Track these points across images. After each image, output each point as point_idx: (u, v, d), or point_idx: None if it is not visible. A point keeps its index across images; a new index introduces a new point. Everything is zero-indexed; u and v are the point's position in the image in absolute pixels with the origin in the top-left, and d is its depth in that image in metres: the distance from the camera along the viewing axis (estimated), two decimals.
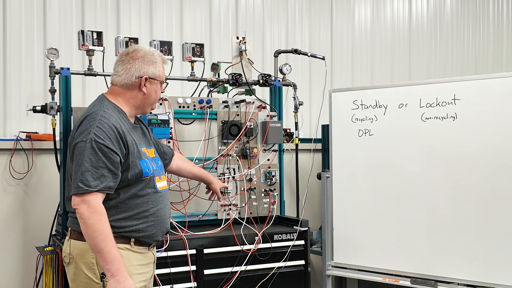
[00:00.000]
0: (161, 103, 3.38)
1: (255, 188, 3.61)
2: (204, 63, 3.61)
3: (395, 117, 3.48)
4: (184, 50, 3.53)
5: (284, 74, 3.86)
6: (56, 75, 3.27)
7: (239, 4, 4.69)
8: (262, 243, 3.32)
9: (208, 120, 3.51)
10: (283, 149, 3.83)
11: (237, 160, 3.57)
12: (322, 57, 3.93)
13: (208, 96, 3.71)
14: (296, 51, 3.96)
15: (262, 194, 3.64)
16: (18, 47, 3.82)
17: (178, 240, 3.12)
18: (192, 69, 3.58)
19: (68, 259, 2.28)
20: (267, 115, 3.67)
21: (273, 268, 3.34)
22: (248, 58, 3.67)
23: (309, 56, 3.96)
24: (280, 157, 3.78)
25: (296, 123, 3.95)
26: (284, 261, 3.37)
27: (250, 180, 3.58)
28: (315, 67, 4.96)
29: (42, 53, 3.84)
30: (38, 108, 3.29)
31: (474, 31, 6.05)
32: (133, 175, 2.25)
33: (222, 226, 3.39)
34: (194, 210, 3.62)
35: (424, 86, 3.44)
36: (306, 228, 3.46)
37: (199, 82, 3.68)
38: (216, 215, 3.52)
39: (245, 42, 3.64)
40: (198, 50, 3.55)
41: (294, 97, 3.90)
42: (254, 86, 3.75)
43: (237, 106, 3.59)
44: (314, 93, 4.96)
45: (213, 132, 3.56)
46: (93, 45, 3.24)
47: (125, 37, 3.32)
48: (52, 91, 3.28)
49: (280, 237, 3.39)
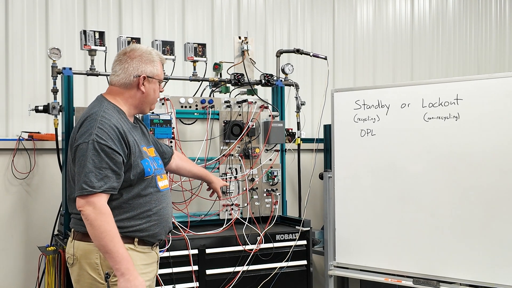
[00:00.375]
0: (163, 103, 3.38)
1: (257, 188, 3.61)
2: (206, 63, 3.61)
3: (397, 117, 3.48)
4: (186, 50, 3.53)
5: (286, 74, 3.86)
6: (58, 75, 3.28)
7: (241, 3, 4.69)
8: (264, 243, 3.32)
9: (210, 120, 3.50)
10: (285, 149, 3.82)
11: (239, 160, 3.56)
12: (324, 57, 3.92)
13: (210, 96, 3.71)
14: (298, 51, 3.95)
15: (264, 194, 3.64)
16: (20, 47, 3.82)
17: (180, 240, 3.11)
18: (194, 69, 3.58)
19: (72, 260, 2.28)
20: (269, 115, 3.67)
21: (275, 268, 3.34)
22: (250, 58, 3.67)
23: (311, 56, 3.95)
24: (282, 157, 3.77)
25: (298, 123, 3.95)
26: (286, 261, 3.37)
27: (252, 180, 3.58)
28: (317, 67, 4.96)
29: (44, 53, 3.84)
30: (40, 108, 3.29)
31: (476, 31, 6.04)
32: (135, 174, 2.25)
33: (224, 226, 3.39)
34: (196, 210, 3.61)
35: (426, 86, 3.44)
36: (308, 228, 3.46)
37: (201, 82, 3.68)
38: (218, 215, 3.52)
39: (247, 42, 3.64)
40: (200, 50, 3.55)
41: (296, 97, 3.89)
42: (256, 86, 3.75)
43: (239, 106, 3.59)
44: (316, 93, 4.96)
45: (215, 132, 3.55)
46: (95, 45, 3.24)
47: (127, 37, 3.32)
48: (54, 91, 3.28)
49: (282, 237, 3.39)
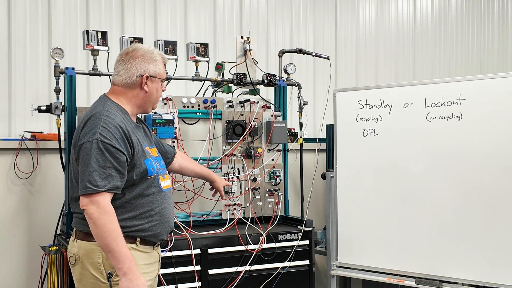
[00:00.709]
0: (165, 103, 3.38)
1: (259, 188, 3.61)
2: (209, 63, 3.61)
3: (400, 117, 3.47)
4: (188, 50, 3.53)
5: (289, 73, 3.85)
6: (61, 75, 3.28)
7: (243, 3, 4.69)
8: (266, 243, 3.32)
9: (213, 120, 3.51)
10: (288, 149, 3.82)
11: (242, 160, 3.56)
12: (326, 56, 3.92)
13: (212, 96, 3.71)
14: (300, 51, 3.95)
15: (267, 194, 3.64)
16: (23, 47, 3.82)
17: (183, 240, 3.11)
18: (197, 69, 3.58)
19: (74, 260, 2.28)
20: (272, 115, 3.67)
21: (277, 268, 3.34)
22: (252, 58, 3.67)
23: (313, 55, 3.95)
24: (285, 157, 3.77)
25: (301, 123, 3.95)
26: (289, 261, 3.37)
27: (254, 180, 3.58)
28: (320, 67, 4.95)
29: (47, 53, 3.85)
30: (43, 108, 3.30)
31: (479, 30, 6.03)
32: (138, 174, 2.25)
33: (226, 226, 3.39)
34: (198, 210, 3.62)
35: (429, 85, 3.43)
36: (311, 228, 3.46)
37: (203, 82, 3.68)
38: (221, 215, 3.52)
39: (249, 42, 3.64)
40: (203, 50, 3.55)
41: (299, 97, 3.89)
42: (258, 86, 3.75)
43: (241, 106, 3.59)
44: (318, 93, 4.95)
45: (218, 132, 3.56)
46: (98, 44, 3.24)
47: (129, 37, 3.33)
48: (57, 91, 3.29)
49: (284, 237, 3.39)
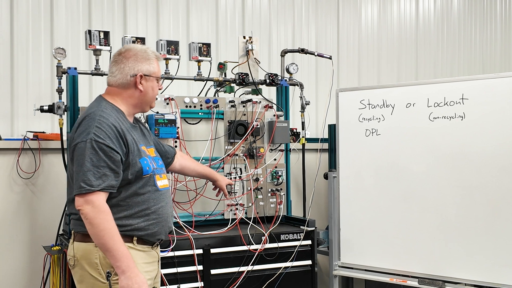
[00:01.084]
0: (167, 103, 3.38)
1: (261, 188, 3.61)
2: (211, 63, 3.61)
3: (402, 117, 3.46)
4: (190, 50, 3.53)
5: (291, 73, 3.85)
6: (63, 74, 3.28)
7: (245, 3, 4.69)
8: (268, 243, 3.31)
9: (215, 119, 3.51)
10: (290, 149, 3.82)
11: (244, 160, 3.56)
12: (329, 56, 3.91)
13: (214, 95, 3.70)
14: (302, 51, 3.94)
15: (269, 194, 3.64)
16: (25, 47, 3.83)
17: (185, 240, 3.11)
18: (199, 68, 3.58)
19: (73, 262, 2.28)
20: (274, 115, 3.66)
21: (280, 268, 3.33)
22: (254, 58, 3.67)
23: (316, 55, 3.95)
24: (287, 156, 3.77)
25: (303, 123, 3.94)
26: (291, 261, 3.36)
27: (256, 180, 3.58)
28: (322, 67, 4.95)
29: (49, 53, 3.85)
30: (46, 107, 3.30)
31: (481, 30, 6.02)
32: (133, 173, 2.25)
33: (228, 226, 3.39)
34: (200, 209, 3.61)
35: (432, 85, 3.42)
36: (313, 228, 3.45)
37: (205, 81, 3.68)
38: (223, 214, 3.52)
39: (251, 42, 3.64)
40: (205, 49, 3.54)
41: (301, 97, 3.88)
42: (260, 86, 3.74)
43: (243, 106, 3.59)
44: (320, 93, 4.95)
45: (220, 132, 3.55)
46: (100, 44, 3.24)
47: (132, 37, 3.33)
48: (59, 90, 3.29)
49: (286, 237, 3.39)
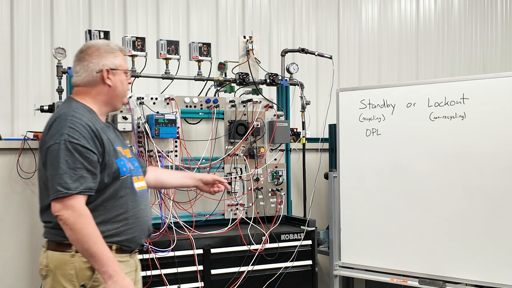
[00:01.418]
0: (168, 103, 3.38)
1: (262, 187, 3.60)
2: (211, 63, 3.60)
3: (403, 117, 3.46)
4: (191, 50, 3.53)
5: (291, 73, 3.85)
6: (63, 74, 3.28)
7: (245, 3, 4.68)
8: (269, 243, 3.31)
9: (215, 119, 3.50)
10: (290, 149, 3.82)
11: (244, 160, 3.56)
12: (329, 56, 3.91)
13: (215, 95, 3.70)
14: (303, 50, 3.94)
15: (269, 194, 3.63)
16: (26, 47, 3.82)
17: (185, 240, 3.11)
18: (199, 68, 3.58)
19: (45, 272, 2.12)
20: (274, 115, 3.66)
21: (280, 268, 3.33)
22: (255, 58, 3.66)
23: (316, 55, 3.94)
24: (287, 156, 3.77)
25: (303, 123, 3.94)
26: (291, 261, 3.36)
27: (257, 179, 3.57)
28: (322, 66, 4.94)
29: (49, 53, 3.84)
30: (46, 107, 3.30)
31: (482, 30, 6.01)
32: (110, 174, 2.14)
33: (229, 226, 3.39)
34: (201, 209, 3.61)
35: (432, 85, 3.42)
36: (313, 228, 3.45)
37: (206, 81, 3.67)
38: (223, 214, 3.51)
39: (252, 42, 3.63)
40: (205, 49, 3.54)
41: (301, 97, 3.88)
42: (261, 86, 3.74)
43: (244, 106, 3.58)
44: (321, 93, 4.94)
45: (220, 132, 3.55)
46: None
47: (132, 37, 3.33)
48: (60, 90, 3.29)
49: (287, 237, 3.38)
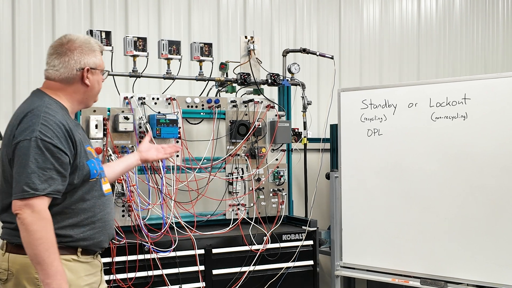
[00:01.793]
0: (169, 103, 3.37)
1: (263, 188, 3.60)
2: (213, 63, 3.60)
3: (404, 117, 3.46)
4: (192, 50, 3.52)
5: (293, 73, 3.84)
6: None
7: (247, 3, 4.68)
8: (270, 243, 3.31)
9: (217, 119, 3.50)
10: (292, 149, 3.82)
11: (246, 160, 3.56)
12: (331, 56, 3.90)
13: (216, 95, 3.70)
14: (304, 51, 3.93)
15: (271, 194, 3.63)
16: (27, 47, 3.83)
17: (187, 240, 3.11)
18: (201, 68, 3.57)
19: (5, 276, 2.02)
20: (276, 115, 3.66)
21: (281, 268, 3.33)
22: (256, 58, 3.66)
23: (317, 55, 3.94)
24: (289, 157, 3.76)
25: (305, 123, 3.93)
26: (293, 261, 3.36)
27: (258, 180, 3.57)
28: (324, 67, 4.94)
29: None
30: None
31: (483, 30, 6.00)
32: (80, 176, 2.06)
33: (230, 226, 3.38)
34: (202, 209, 3.61)
35: (434, 85, 3.42)
36: (315, 228, 3.45)
37: (207, 81, 3.67)
38: (225, 215, 3.51)
39: (253, 42, 3.63)
40: (207, 49, 3.53)
41: (303, 97, 3.87)
42: (262, 86, 3.73)
43: (245, 106, 3.58)
44: (322, 93, 4.94)
45: (222, 132, 3.55)
46: (102, 44, 3.23)
47: (133, 37, 3.32)
48: None
49: (288, 237, 3.38)
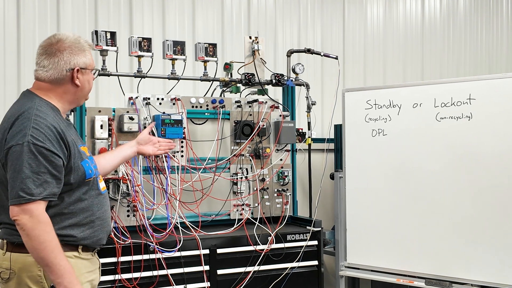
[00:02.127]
0: (174, 103, 3.38)
1: (267, 188, 3.60)
2: (217, 63, 3.60)
3: (409, 117, 3.45)
4: (197, 50, 3.53)
5: (297, 73, 3.84)
6: None
7: (251, 3, 4.68)
8: (275, 243, 3.31)
9: (221, 120, 3.50)
10: (296, 149, 3.82)
11: (250, 160, 3.56)
12: (335, 56, 3.91)
13: (220, 96, 3.70)
14: (308, 51, 3.94)
15: (275, 194, 3.63)
16: (32, 47, 3.83)
17: (192, 240, 3.12)
18: (205, 69, 3.58)
19: (7, 275, 2.03)
20: (280, 115, 3.66)
21: (286, 268, 3.33)
22: (260, 58, 3.67)
23: (322, 55, 3.94)
24: (293, 157, 3.77)
25: (309, 123, 3.94)
26: (297, 261, 3.36)
27: (263, 180, 3.57)
28: (328, 67, 4.93)
29: None
30: None
31: (488, 30, 5.98)
32: (76, 178, 2.07)
33: (235, 226, 3.39)
34: (207, 210, 3.61)
35: (439, 85, 3.41)
36: (319, 229, 3.45)
37: (211, 82, 3.68)
38: (229, 215, 3.52)
39: (257, 42, 3.64)
40: (211, 50, 3.54)
41: (307, 97, 3.88)
42: (266, 86, 3.74)
43: (249, 106, 3.59)
44: (326, 93, 4.94)
45: (226, 132, 3.55)
46: (107, 45, 3.24)
47: (138, 37, 3.33)
48: None
49: (293, 237, 3.38)
